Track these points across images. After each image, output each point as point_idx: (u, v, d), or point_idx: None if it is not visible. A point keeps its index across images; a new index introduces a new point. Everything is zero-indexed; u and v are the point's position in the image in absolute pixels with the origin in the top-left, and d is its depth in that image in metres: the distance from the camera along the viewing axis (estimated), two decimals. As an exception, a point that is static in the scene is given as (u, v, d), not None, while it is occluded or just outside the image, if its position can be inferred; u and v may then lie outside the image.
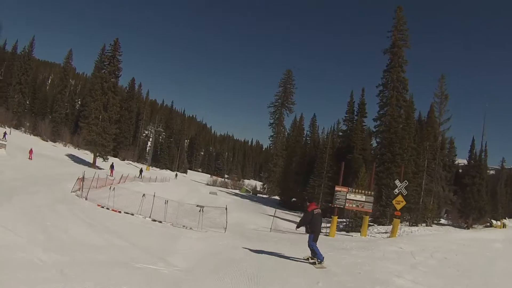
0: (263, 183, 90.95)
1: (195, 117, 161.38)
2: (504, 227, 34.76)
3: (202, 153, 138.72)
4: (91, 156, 50.19)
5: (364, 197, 22.71)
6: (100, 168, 46.15)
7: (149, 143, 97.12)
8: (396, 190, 22.63)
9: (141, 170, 52.89)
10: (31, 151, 33.59)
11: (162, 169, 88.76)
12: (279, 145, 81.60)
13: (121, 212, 16.74)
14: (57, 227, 10.32)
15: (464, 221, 37.47)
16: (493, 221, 38.19)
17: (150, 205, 17.27)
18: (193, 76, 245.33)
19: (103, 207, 17.01)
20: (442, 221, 39.10)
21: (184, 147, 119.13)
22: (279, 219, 27.99)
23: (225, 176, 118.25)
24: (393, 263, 10.83)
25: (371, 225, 28.49)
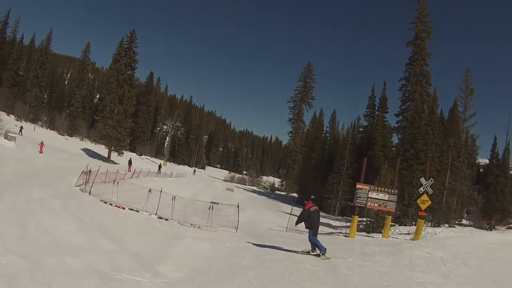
0: (282, 179, 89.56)
1: (214, 112, 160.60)
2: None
3: (221, 149, 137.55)
4: (106, 150, 49.66)
5: (387, 195, 21.07)
6: (115, 163, 45.60)
7: (167, 138, 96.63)
8: (421, 189, 21.09)
9: (160, 166, 52.32)
10: (42, 144, 32.91)
11: (180, 164, 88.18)
12: (298, 141, 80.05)
13: (125, 208, 15.70)
14: (40, 224, 9.15)
15: (487, 222, 35.57)
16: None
17: (156, 201, 16.19)
18: (212, 72, 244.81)
19: (106, 202, 15.96)
20: (463, 221, 37.39)
21: (203, 142, 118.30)
22: (296, 217, 26.52)
23: (244, 172, 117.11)
24: (423, 272, 9.56)
25: (392, 225, 26.76)
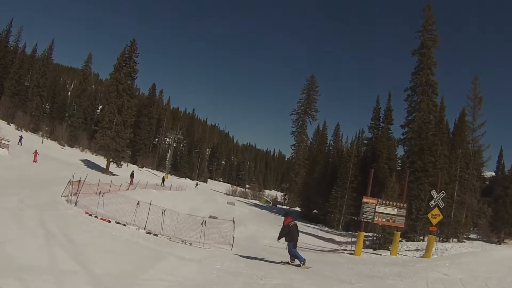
0: (284, 193, 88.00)
1: (217, 125, 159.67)
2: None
3: (224, 162, 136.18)
4: (105, 161, 48.49)
5: (395, 209, 19.77)
6: (113, 174, 44.45)
7: (169, 151, 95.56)
8: (432, 202, 20.07)
9: (163, 179, 51.15)
10: (35, 153, 31.85)
11: (182, 177, 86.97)
12: (301, 154, 78.60)
13: (111, 221, 14.43)
14: (-3, 239, 7.86)
15: (496, 235, 34.06)
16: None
17: (152, 214, 14.92)
18: (215, 85, 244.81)
19: (91, 215, 14.70)
20: (471, 235, 35.89)
21: (205, 155, 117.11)
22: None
23: (246, 186, 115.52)
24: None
25: (400, 241, 25.37)
